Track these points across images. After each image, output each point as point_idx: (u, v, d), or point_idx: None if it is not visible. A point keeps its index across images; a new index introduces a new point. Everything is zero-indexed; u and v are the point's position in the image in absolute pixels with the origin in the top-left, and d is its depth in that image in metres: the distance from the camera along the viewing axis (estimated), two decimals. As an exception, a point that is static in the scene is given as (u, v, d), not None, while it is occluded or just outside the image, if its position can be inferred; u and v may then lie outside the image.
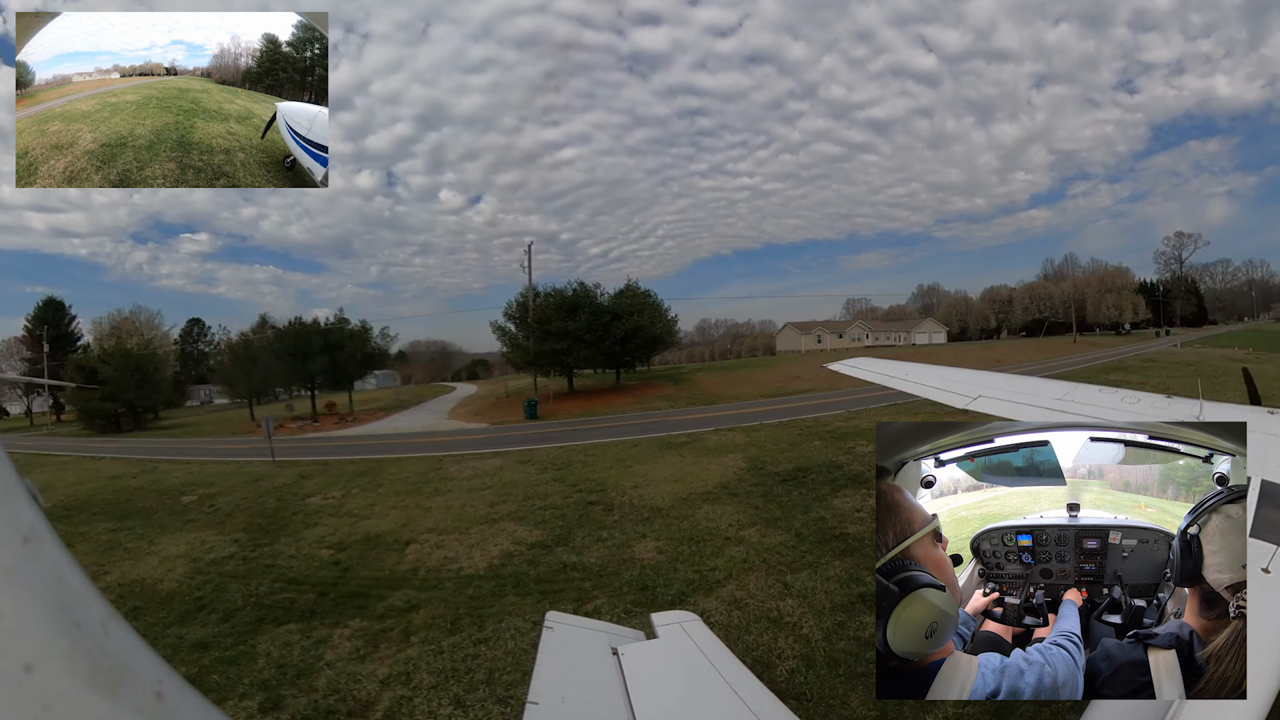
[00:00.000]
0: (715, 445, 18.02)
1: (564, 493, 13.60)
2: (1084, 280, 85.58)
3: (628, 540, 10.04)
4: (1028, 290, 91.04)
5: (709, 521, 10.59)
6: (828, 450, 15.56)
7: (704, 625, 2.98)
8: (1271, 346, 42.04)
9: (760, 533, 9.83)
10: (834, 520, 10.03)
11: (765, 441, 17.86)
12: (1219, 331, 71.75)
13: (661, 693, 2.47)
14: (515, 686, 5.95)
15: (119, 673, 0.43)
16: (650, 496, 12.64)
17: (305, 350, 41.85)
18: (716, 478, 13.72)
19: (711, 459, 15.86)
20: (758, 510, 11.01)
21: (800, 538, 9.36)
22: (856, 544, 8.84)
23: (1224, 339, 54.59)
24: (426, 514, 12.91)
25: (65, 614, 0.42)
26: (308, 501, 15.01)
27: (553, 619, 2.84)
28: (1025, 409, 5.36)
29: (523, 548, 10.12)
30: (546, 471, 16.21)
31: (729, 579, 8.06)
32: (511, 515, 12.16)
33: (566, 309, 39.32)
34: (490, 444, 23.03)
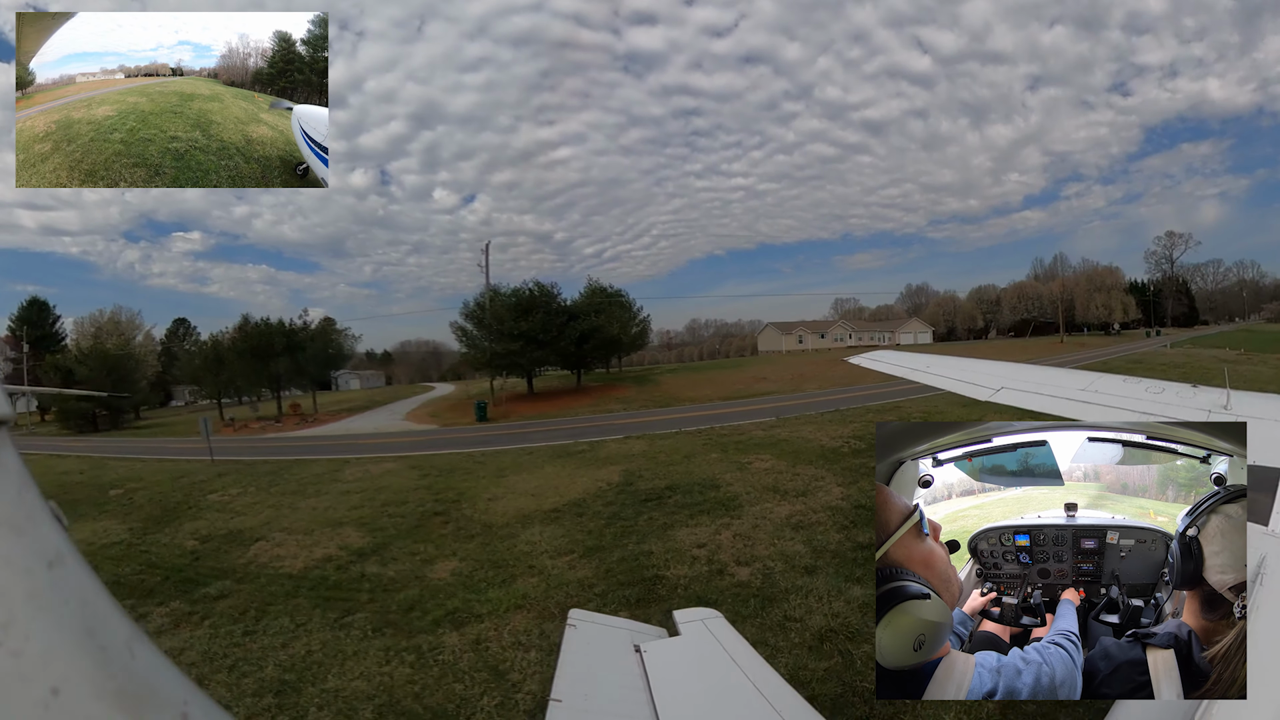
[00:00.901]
0: (609, 455, 17.42)
1: (420, 500, 13.92)
2: (1072, 280, 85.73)
3: (437, 557, 10.04)
4: (1016, 290, 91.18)
5: (528, 545, 10.15)
6: (720, 465, 14.52)
7: (726, 622, 2.96)
8: (1262, 347, 41.94)
9: (570, 564, 9.13)
10: (660, 556, 8.96)
11: (662, 452, 17.10)
12: (1210, 332, 72.10)
13: (684, 690, 2.47)
14: (247, 676, 6.50)
15: (145, 695, 0.43)
16: (494, 511, 12.42)
17: (268, 351, 41.97)
18: (577, 493, 13.09)
19: (590, 471, 15.29)
20: (589, 535, 10.33)
21: (607, 575, 8.53)
22: (668, 591, 7.74)
23: (1215, 339, 54.67)
24: (290, 514, 13.72)
25: (91, 637, 0.43)
26: (207, 498, 16.04)
27: (575, 616, 2.85)
28: (1049, 400, 5.26)
29: (343, 553, 10.58)
30: (427, 477, 16.52)
31: (490, 614, 7.54)
32: (358, 520, 12.66)
33: (520, 310, 38.92)
34: (416, 446, 23.46)
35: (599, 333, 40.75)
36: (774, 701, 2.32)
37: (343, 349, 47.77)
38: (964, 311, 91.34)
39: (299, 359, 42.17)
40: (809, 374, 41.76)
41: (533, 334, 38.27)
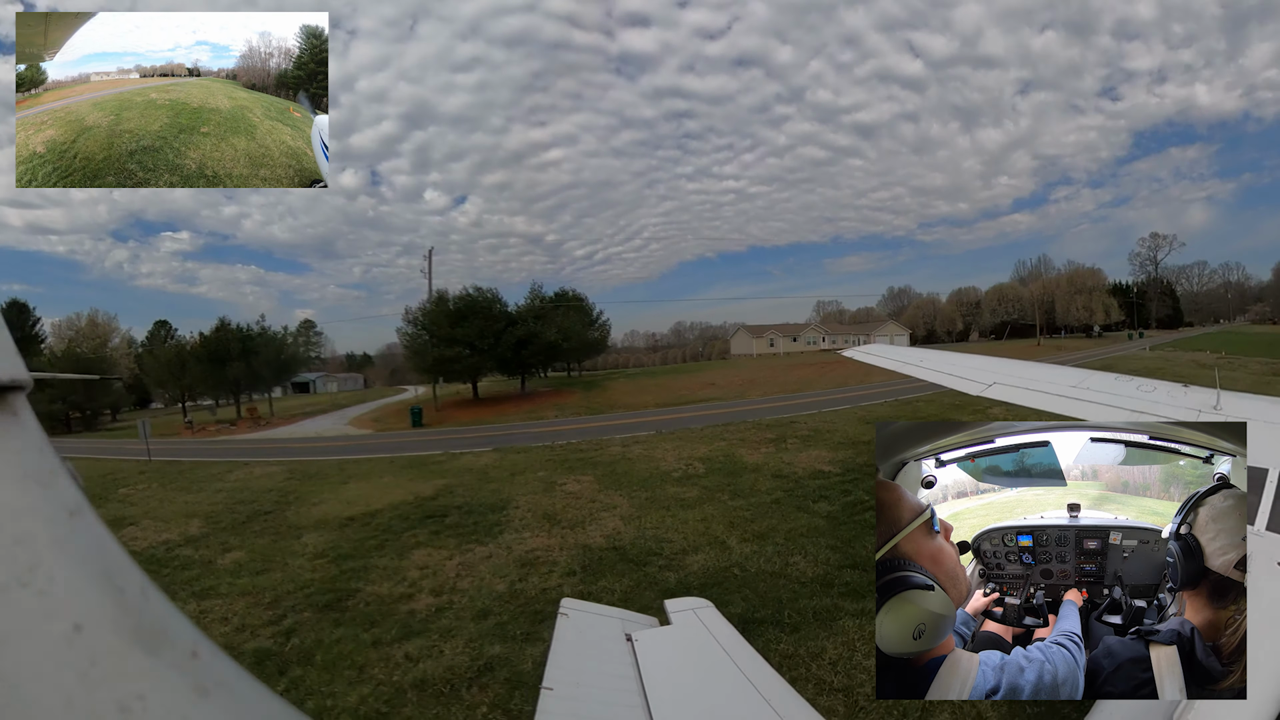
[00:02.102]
0: (455, 467, 17.29)
1: (263, 502, 14.59)
2: (1053, 282, 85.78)
3: (234, 548, 10.85)
4: (996, 292, 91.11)
5: (304, 546, 10.63)
6: (532, 485, 14.04)
7: (717, 612, 2.97)
8: (1245, 350, 41.92)
9: (315, 566, 9.44)
10: (380, 572, 8.93)
11: (499, 467, 16.70)
12: (1194, 334, 72.73)
13: (675, 678, 2.49)
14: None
15: (158, 633, 0.47)
16: (306, 515, 12.88)
17: (225, 356, 43.02)
18: (381, 504, 13.25)
19: (415, 484, 15.36)
20: (349, 543, 10.55)
21: (314, 580, 8.76)
22: (355, 604, 7.71)
23: (1197, 341, 54.70)
24: (164, 507, 14.82)
25: (108, 580, 0.47)
26: (118, 492, 17.27)
27: (567, 605, 2.86)
28: (1039, 396, 5.30)
29: (177, 539, 11.69)
30: (291, 481, 17.13)
31: (229, 593, 8.10)
32: (206, 514, 13.56)
33: (457, 316, 38.98)
34: (327, 451, 23.98)
35: (537, 339, 40.86)
36: (762, 690, 2.33)
37: (297, 354, 49.22)
38: (944, 314, 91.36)
39: (253, 364, 43.47)
40: (762, 379, 41.33)
41: (469, 340, 38.34)
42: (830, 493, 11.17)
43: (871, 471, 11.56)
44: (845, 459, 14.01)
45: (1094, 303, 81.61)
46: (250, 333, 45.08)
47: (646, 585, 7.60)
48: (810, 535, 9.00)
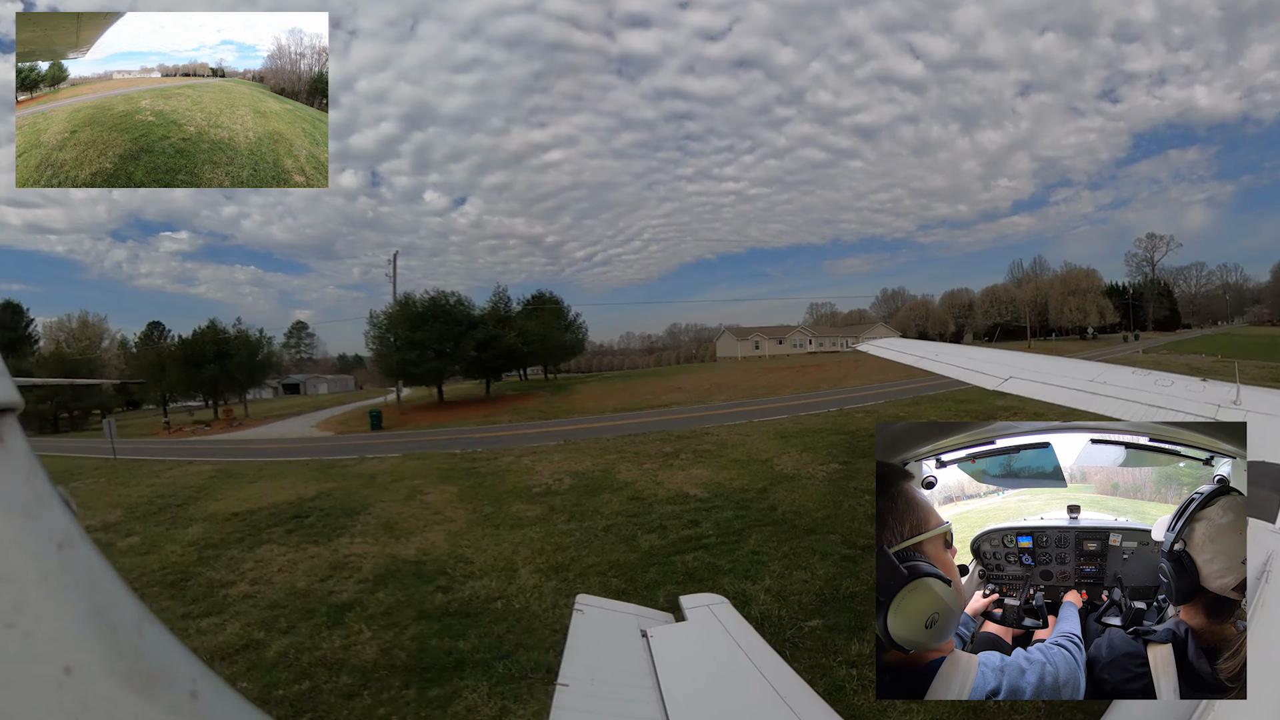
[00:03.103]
0: (357, 472, 17.51)
1: (181, 496, 15.57)
2: (1046, 283, 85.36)
3: (129, 534, 12.01)
4: (989, 294, 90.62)
5: (164, 537, 11.71)
6: (399, 492, 14.35)
7: (732, 608, 2.95)
8: (1242, 352, 40.73)
9: (128, 547, 10.93)
10: (186, 561, 10.10)
11: (390, 474, 16.98)
12: (1191, 336, 72.59)
13: (690, 675, 2.48)
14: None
15: (155, 673, 0.45)
16: (200, 509, 13.78)
17: (200, 359, 43.87)
18: (261, 504, 13.97)
19: (304, 486, 15.93)
20: (200, 535, 11.57)
21: (135, 580, 9.35)
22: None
23: (1194, 344, 54.15)
24: (98, 499, 15.77)
25: (100, 617, 0.45)
26: (69, 485, 17.94)
27: (582, 601, 2.84)
28: (1057, 390, 5.23)
29: (89, 525, 12.15)
30: (215, 480, 17.91)
31: None
32: (127, 505, 14.72)
33: (416, 320, 39.38)
34: (276, 453, 24.40)
35: (497, 342, 41.26)
36: (778, 687, 2.32)
37: (271, 357, 50.56)
38: (936, 316, 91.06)
39: (227, 366, 44.54)
40: (730, 384, 40.82)
41: (428, 343, 38.80)
42: (672, 523, 10.42)
43: (745, 497, 11.59)
44: (723, 481, 13.08)
45: (1088, 304, 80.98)
46: (224, 335, 46.02)
47: (411, 604, 7.73)
48: (607, 572, 8.44)
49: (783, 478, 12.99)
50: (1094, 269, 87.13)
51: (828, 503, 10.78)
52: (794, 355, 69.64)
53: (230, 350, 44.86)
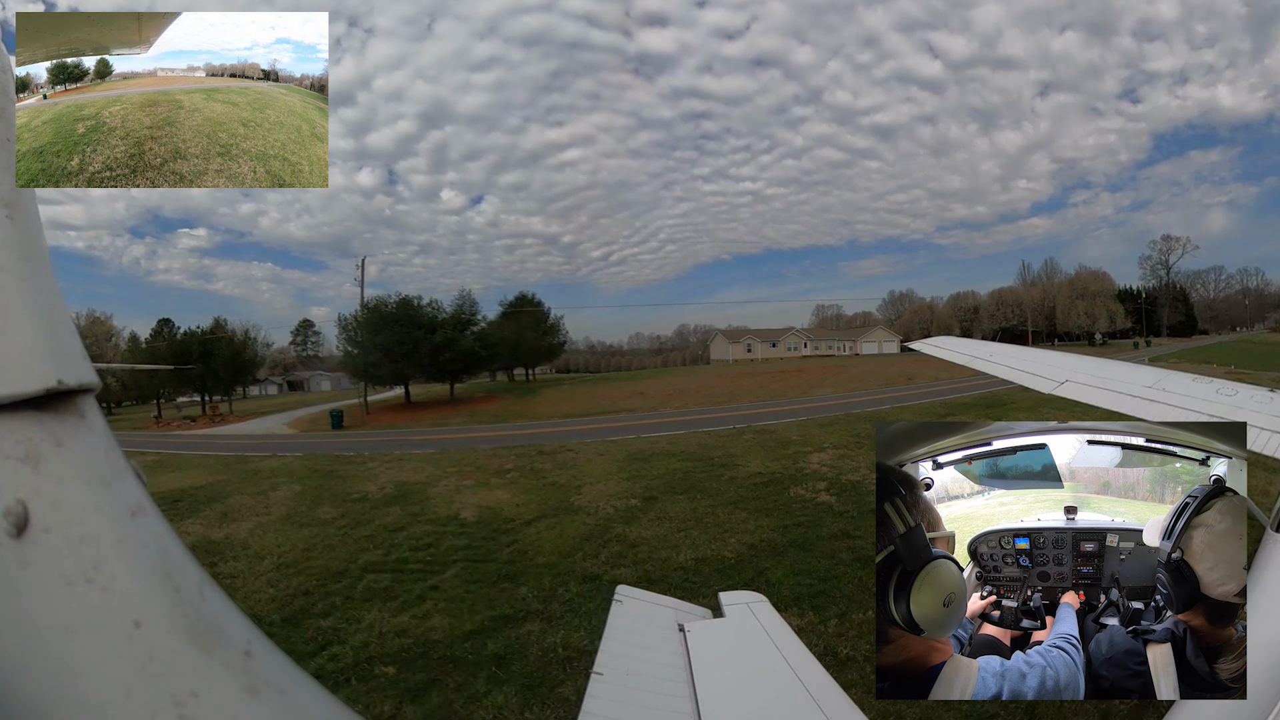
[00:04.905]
0: (255, 470, 18.35)
1: None
2: (1054, 286, 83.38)
3: None
4: (995, 297, 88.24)
5: None
6: (255, 488, 15.23)
7: (771, 608, 2.94)
8: (1261, 363, 36.21)
9: None
10: None
11: (275, 471, 17.86)
12: (1208, 343, 70.35)
13: (725, 672, 2.49)
14: None
15: (213, 632, 0.49)
16: None
17: (187, 358, 45.83)
18: (154, 490, 15.00)
19: (203, 476, 17.06)
20: None
21: None
22: None
23: (1209, 352, 51.43)
24: None
25: (167, 579, 0.49)
26: None
27: (622, 592, 2.87)
28: (1114, 396, 5.01)
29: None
30: (146, 469, 18.86)
31: None
32: None
33: (377, 323, 40.83)
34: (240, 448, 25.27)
35: (454, 345, 42.31)
36: (812, 689, 2.31)
37: (255, 356, 53.26)
38: (941, 319, 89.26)
39: (211, 365, 46.68)
40: (694, 389, 40.47)
41: (387, 347, 40.08)
42: (398, 547, 10.55)
43: (505, 527, 11.44)
44: (505, 507, 12.73)
45: (1097, 308, 78.92)
46: (207, 336, 48.55)
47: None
48: (298, 573, 9.42)
49: (568, 510, 12.29)
50: (1106, 271, 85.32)
51: (549, 549, 10.01)
52: (787, 359, 68.92)
53: (213, 349, 47.15)
